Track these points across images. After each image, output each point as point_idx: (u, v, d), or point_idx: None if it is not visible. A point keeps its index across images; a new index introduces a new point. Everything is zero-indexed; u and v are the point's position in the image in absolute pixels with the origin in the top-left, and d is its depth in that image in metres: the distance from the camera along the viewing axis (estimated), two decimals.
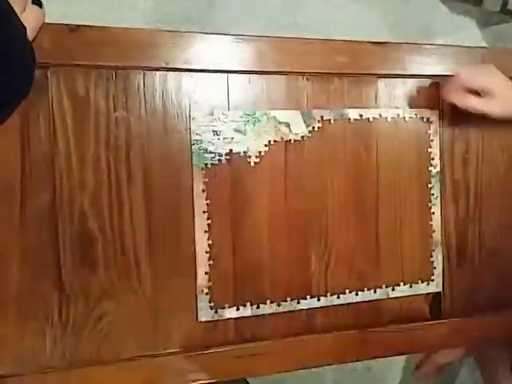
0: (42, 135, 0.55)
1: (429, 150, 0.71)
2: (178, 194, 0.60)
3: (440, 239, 0.72)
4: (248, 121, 0.62)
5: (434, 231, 0.71)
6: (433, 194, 0.71)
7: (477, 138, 0.73)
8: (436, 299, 0.73)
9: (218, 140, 0.61)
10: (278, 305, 0.65)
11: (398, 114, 0.69)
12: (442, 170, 0.71)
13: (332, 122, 0.66)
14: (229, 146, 0.61)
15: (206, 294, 0.61)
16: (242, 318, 0.63)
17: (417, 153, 0.70)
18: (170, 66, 0.58)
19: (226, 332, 0.63)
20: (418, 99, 0.70)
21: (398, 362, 1.44)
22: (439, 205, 0.71)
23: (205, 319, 0.62)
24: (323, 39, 0.65)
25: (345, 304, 0.68)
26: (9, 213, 0.54)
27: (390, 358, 0.70)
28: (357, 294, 0.68)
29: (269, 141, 0.63)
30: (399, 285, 0.70)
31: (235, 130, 0.62)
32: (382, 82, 0.68)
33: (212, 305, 0.62)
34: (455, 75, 0.65)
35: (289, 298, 0.65)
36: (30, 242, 0.55)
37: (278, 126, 0.64)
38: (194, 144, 0.60)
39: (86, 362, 0.58)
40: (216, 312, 0.62)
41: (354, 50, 0.66)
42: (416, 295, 0.71)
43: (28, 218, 0.55)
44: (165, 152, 0.59)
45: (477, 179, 0.73)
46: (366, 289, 0.69)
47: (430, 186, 0.71)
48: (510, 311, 0.75)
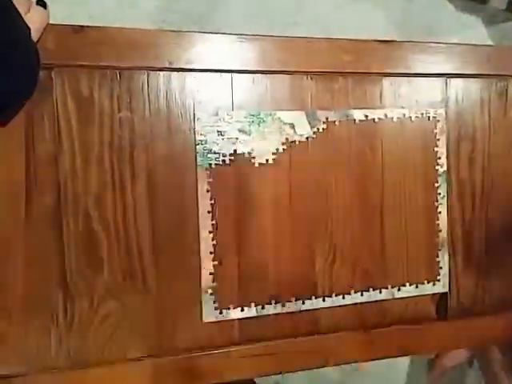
0: (47, 136, 0.55)
1: (435, 150, 0.70)
2: (182, 195, 0.60)
3: (446, 239, 0.71)
4: (253, 121, 0.62)
5: (441, 231, 0.71)
6: (439, 194, 0.70)
7: (483, 138, 0.72)
8: (442, 299, 0.72)
9: (222, 140, 0.61)
10: (283, 305, 0.65)
11: (404, 114, 0.68)
12: (448, 170, 0.71)
13: (337, 123, 0.65)
14: (233, 146, 0.61)
15: (211, 294, 0.61)
16: (246, 318, 0.63)
17: (423, 152, 0.69)
18: (173, 66, 0.58)
19: (230, 332, 0.63)
20: (424, 98, 0.70)
21: (402, 362, 1.43)
22: (446, 204, 0.71)
23: (209, 320, 0.62)
24: (327, 38, 0.65)
25: (350, 304, 0.67)
26: (14, 213, 0.55)
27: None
28: (362, 295, 0.68)
29: (273, 142, 0.63)
30: (405, 285, 0.70)
31: (240, 131, 0.62)
32: (386, 80, 0.68)
33: (217, 305, 0.62)
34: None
35: (294, 298, 0.65)
36: (34, 243, 0.55)
37: (283, 126, 0.63)
38: (198, 144, 0.60)
39: (90, 362, 0.58)
40: (221, 313, 0.62)
41: (358, 49, 0.66)
42: (422, 295, 0.71)
43: (33, 218, 0.55)
44: (169, 152, 0.59)
45: (483, 179, 0.73)
46: (371, 289, 0.68)
47: (436, 185, 0.70)
48: None
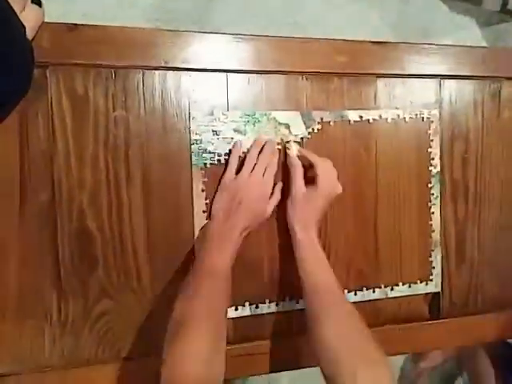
0: (41, 134, 0.55)
1: (429, 150, 0.70)
2: (177, 194, 0.60)
3: (439, 239, 0.72)
4: (248, 121, 0.62)
5: (434, 231, 0.71)
6: (433, 194, 0.71)
7: (476, 138, 0.73)
8: (435, 299, 0.73)
9: (217, 140, 0.61)
10: (277, 304, 0.65)
11: (398, 115, 0.69)
12: (441, 170, 0.71)
13: (332, 123, 0.66)
14: (228, 146, 0.61)
15: None
16: (240, 317, 0.63)
17: (417, 153, 0.70)
18: (169, 65, 0.58)
19: None
20: (418, 99, 0.70)
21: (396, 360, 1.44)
22: (439, 205, 0.71)
23: None
24: (323, 39, 0.65)
25: None
26: (8, 211, 0.55)
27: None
28: (356, 294, 0.68)
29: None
30: (398, 285, 0.70)
31: (235, 131, 0.62)
32: (381, 81, 0.68)
33: None
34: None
35: (287, 297, 0.65)
36: (28, 241, 0.55)
37: (278, 126, 0.63)
38: (193, 144, 0.60)
39: (84, 361, 0.58)
40: None
41: (353, 50, 0.66)
42: (415, 295, 0.72)
43: (27, 216, 0.55)
44: (164, 151, 0.59)
45: (476, 179, 0.73)
46: (364, 289, 0.69)
47: (429, 185, 0.71)
48: (509, 311, 0.76)
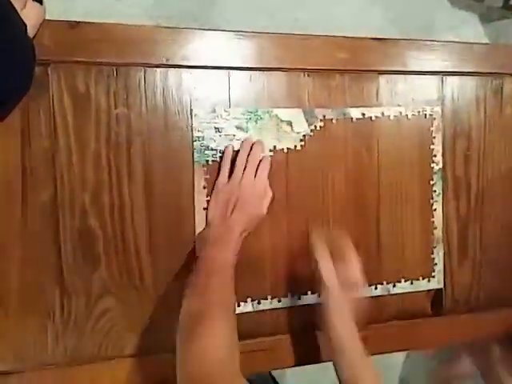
0: (43, 132, 0.55)
1: (431, 147, 0.70)
2: (179, 191, 0.60)
3: (441, 236, 0.72)
4: (250, 118, 0.62)
5: (436, 228, 0.71)
6: (435, 191, 0.71)
7: (479, 135, 0.73)
8: (437, 296, 0.73)
9: (219, 137, 0.61)
10: (279, 301, 0.65)
11: (401, 112, 0.68)
12: (443, 167, 0.71)
13: (334, 121, 0.66)
14: (230, 143, 0.61)
15: None
16: (243, 313, 0.63)
17: (419, 150, 0.70)
18: (170, 62, 0.58)
19: None
20: (420, 96, 0.70)
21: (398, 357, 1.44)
22: (441, 202, 0.71)
23: None
24: (324, 35, 0.65)
25: None
26: (10, 210, 0.55)
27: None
28: None
29: (271, 139, 0.63)
30: (400, 281, 0.70)
31: (237, 128, 0.62)
32: (383, 78, 0.68)
33: None
34: None
35: (289, 294, 0.65)
36: (31, 239, 0.55)
37: (280, 124, 0.63)
38: (195, 141, 0.60)
39: (87, 359, 0.58)
40: None
41: (355, 46, 0.66)
42: (417, 292, 0.71)
43: (29, 214, 0.55)
44: (166, 149, 0.59)
45: (478, 176, 0.73)
46: (367, 285, 0.69)
47: (431, 182, 0.71)
48: (511, 308, 0.76)
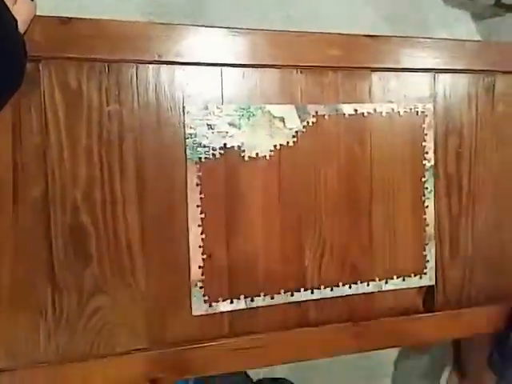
0: (34, 128, 0.55)
1: (423, 144, 0.71)
2: (171, 188, 0.60)
3: (433, 233, 0.72)
4: (243, 115, 0.62)
5: (428, 225, 0.72)
6: (426, 188, 0.71)
7: (470, 132, 0.73)
8: (429, 292, 0.73)
9: (212, 134, 0.61)
10: (272, 298, 0.65)
11: (393, 109, 0.69)
12: (435, 164, 0.71)
13: (326, 117, 0.66)
14: (223, 140, 0.61)
15: (200, 287, 0.61)
16: (236, 311, 0.64)
17: (411, 147, 0.70)
18: (163, 59, 0.58)
19: (220, 325, 0.63)
20: (412, 93, 0.70)
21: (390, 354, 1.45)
22: (433, 199, 0.72)
23: (199, 313, 0.62)
24: (317, 32, 0.65)
25: (338, 297, 0.68)
26: (1, 206, 0.54)
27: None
28: (350, 287, 0.69)
29: (263, 135, 0.63)
30: (392, 278, 0.71)
31: (230, 124, 0.61)
32: (375, 75, 0.68)
33: (206, 298, 0.62)
34: None
35: (282, 290, 0.66)
36: (22, 236, 0.55)
37: (273, 120, 0.63)
38: (188, 138, 0.60)
39: (79, 357, 0.58)
40: (210, 305, 0.62)
41: (347, 43, 0.66)
42: (409, 288, 0.72)
43: (20, 211, 0.55)
44: (158, 146, 0.59)
45: (470, 173, 0.74)
46: (359, 282, 0.69)
47: (423, 179, 0.71)
48: (502, 304, 0.76)
